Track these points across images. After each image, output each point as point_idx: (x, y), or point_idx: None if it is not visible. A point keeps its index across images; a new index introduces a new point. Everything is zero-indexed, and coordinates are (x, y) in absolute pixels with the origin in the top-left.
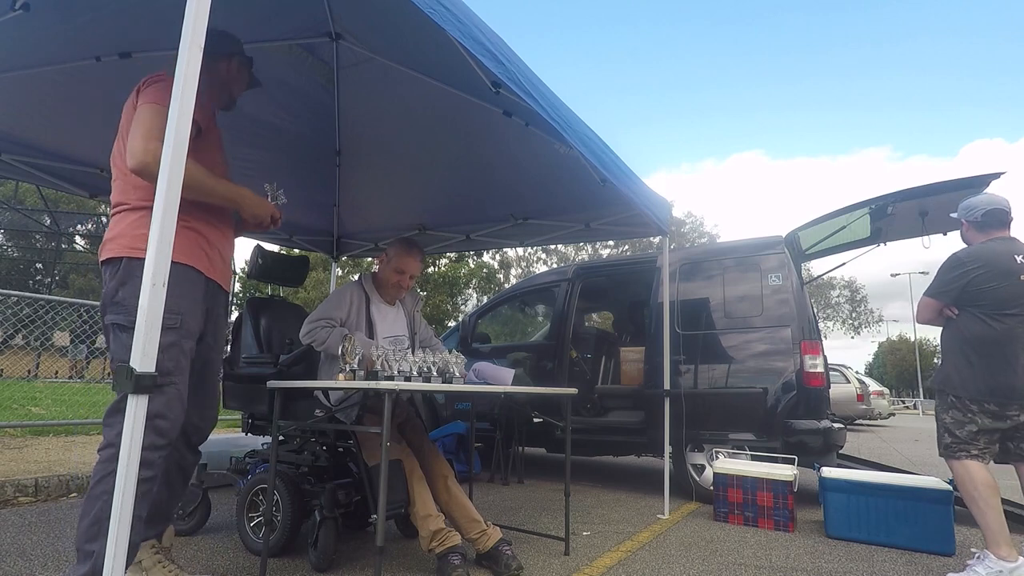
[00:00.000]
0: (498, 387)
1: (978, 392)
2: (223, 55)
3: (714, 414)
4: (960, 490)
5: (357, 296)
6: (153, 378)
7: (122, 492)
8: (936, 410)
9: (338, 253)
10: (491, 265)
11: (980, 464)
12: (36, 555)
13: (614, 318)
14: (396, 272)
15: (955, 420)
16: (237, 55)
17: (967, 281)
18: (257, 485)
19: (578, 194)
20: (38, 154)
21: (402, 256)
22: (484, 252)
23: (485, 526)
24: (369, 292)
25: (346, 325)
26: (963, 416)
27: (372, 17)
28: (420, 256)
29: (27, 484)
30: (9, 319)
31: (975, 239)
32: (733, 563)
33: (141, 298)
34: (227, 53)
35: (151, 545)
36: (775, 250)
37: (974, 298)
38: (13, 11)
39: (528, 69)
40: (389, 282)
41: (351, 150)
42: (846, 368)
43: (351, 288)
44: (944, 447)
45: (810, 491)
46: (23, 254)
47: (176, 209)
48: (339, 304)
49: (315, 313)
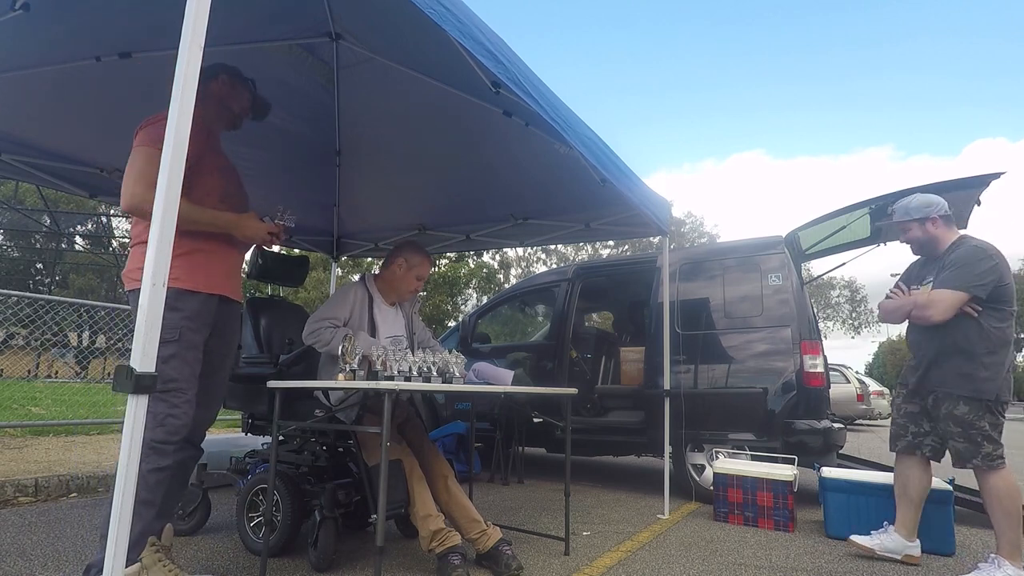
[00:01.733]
0: (498, 387)
1: (1010, 392)
2: (209, 77)
3: (714, 414)
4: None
5: (360, 296)
6: (153, 378)
7: (122, 492)
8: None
9: (338, 253)
10: (491, 265)
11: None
12: (36, 555)
13: (614, 318)
14: (417, 279)
15: (993, 425)
16: (223, 72)
17: (999, 275)
18: (257, 485)
19: (578, 194)
20: (38, 154)
21: (425, 264)
22: (484, 252)
23: (485, 526)
24: (372, 292)
25: (349, 325)
26: (997, 420)
27: (372, 17)
28: (433, 261)
29: (27, 484)
30: (9, 319)
31: (946, 236)
32: (733, 563)
33: (141, 298)
34: (213, 72)
35: (151, 543)
36: (775, 250)
37: (1000, 295)
38: (13, 11)
39: (528, 69)
40: (408, 288)
41: (351, 150)
42: (846, 368)
43: (354, 288)
44: (983, 457)
45: (810, 491)
46: (23, 254)
47: (176, 209)
48: (343, 304)
49: (318, 313)
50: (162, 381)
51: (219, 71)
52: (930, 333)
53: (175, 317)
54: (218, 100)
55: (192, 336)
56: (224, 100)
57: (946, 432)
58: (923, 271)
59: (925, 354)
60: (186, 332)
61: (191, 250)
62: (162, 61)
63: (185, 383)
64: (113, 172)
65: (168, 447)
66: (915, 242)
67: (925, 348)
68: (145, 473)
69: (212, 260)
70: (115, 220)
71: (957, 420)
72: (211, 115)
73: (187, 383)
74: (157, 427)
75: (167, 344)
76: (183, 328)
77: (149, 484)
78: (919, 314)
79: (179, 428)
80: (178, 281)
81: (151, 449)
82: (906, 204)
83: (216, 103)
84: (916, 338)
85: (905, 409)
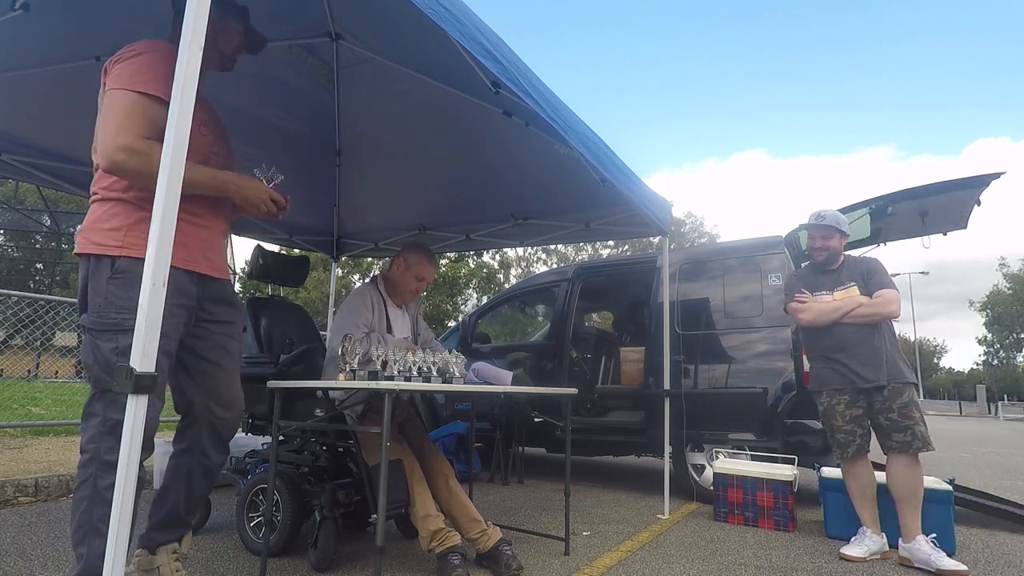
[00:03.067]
0: (498, 387)
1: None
2: None
3: (714, 414)
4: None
5: (376, 299)
6: (153, 378)
7: (122, 492)
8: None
9: (338, 253)
10: (491, 265)
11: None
12: (36, 555)
13: (614, 318)
14: (416, 279)
15: None
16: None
17: None
18: (257, 485)
19: (578, 194)
20: (38, 154)
21: (423, 264)
22: (484, 252)
23: (485, 526)
24: (384, 294)
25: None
26: None
27: (372, 17)
28: (436, 263)
29: (27, 484)
30: (9, 319)
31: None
32: (733, 563)
33: (141, 298)
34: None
35: (172, 550)
36: (775, 250)
37: None
38: (13, 11)
39: (528, 69)
40: (407, 288)
41: (351, 150)
42: None
43: (369, 291)
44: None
45: (810, 491)
46: (23, 254)
47: (176, 209)
48: (364, 308)
49: (343, 320)
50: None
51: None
52: (869, 331)
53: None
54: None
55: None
56: (210, 37)
57: (900, 422)
58: (823, 279)
59: (875, 351)
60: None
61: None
62: None
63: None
64: None
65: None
66: (831, 251)
67: (872, 345)
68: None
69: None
70: None
71: (916, 406)
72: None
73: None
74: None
75: (127, 333)
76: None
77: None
78: (883, 311)
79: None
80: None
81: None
82: (836, 215)
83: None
84: (856, 337)
85: (851, 415)
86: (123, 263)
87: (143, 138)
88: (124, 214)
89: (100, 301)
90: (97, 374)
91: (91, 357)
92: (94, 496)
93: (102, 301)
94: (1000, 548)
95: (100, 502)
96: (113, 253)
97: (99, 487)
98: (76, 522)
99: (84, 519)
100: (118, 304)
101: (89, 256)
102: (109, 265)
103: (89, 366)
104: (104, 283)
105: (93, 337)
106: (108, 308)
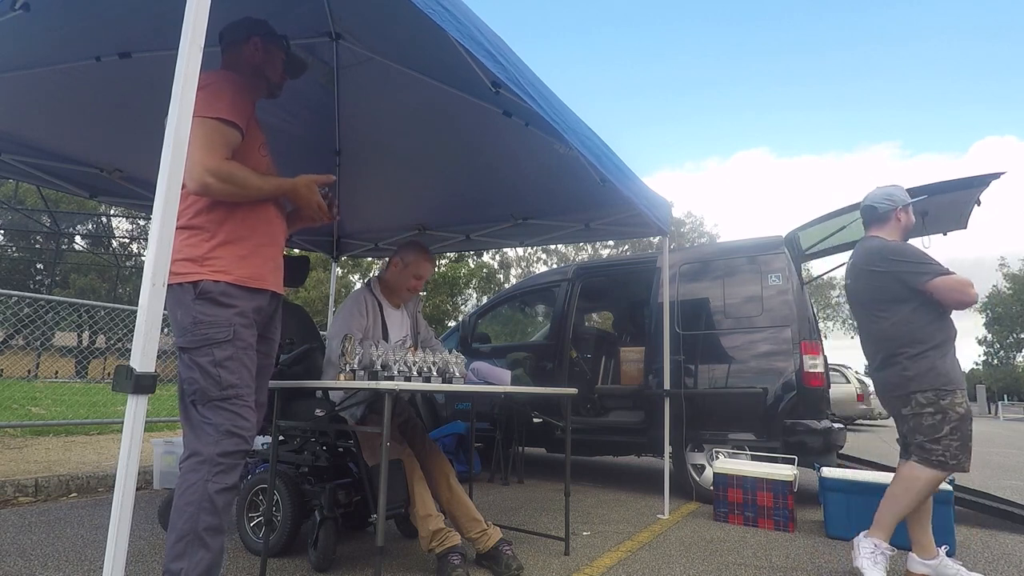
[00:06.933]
0: (498, 387)
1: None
2: (240, 39)
3: (714, 414)
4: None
5: (371, 303)
6: (153, 378)
7: (122, 492)
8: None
9: (338, 253)
10: (491, 265)
11: None
12: (36, 555)
13: (614, 318)
14: (414, 278)
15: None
16: (256, 34)
17: None
18: (257, 485)
19: (578, 194)
20: (38, 154)
21: (421, 262)
22: (484, 252)
23: (485, 526)
24: (379, 297)
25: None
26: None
27: (372, 17)
28: (434, 260)
29: (27, 484)
30: (9, 319)
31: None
32: (733, 563)
33: (141, 298)
34: (244, 36)
35: None
36: (775, 250)
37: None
38: (13, 11)
39: (528, 69)
40: (404, 287)
41: (351, 150)
42: (846, 368)
43: (364, 295)
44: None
45: (810, 491)
46: (23, 254)
47: (176, 208)
48: (360, 313)
49: (339, 326)
50: (220, 387)
51: (250, 32)
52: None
53: (227, 314)
54: (252, 68)
55: (246, 334)
56: (259, 68)
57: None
58: None
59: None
60: (240, 330)
61: (236, 238)
62: (162, 61)
63: (244, 389)
64: (113, 172)
65: (234, 461)
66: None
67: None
68: (212, 495)
69: (268, 251)
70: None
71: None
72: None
73: (246, 389)
74: (222, 439)
75: (221, 345)
76: (236, 326)
77: (217, 507)
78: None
79: (248, 439)
80: (226, 274)
81: (215, 465)
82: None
83: (251, 72)
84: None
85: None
86: (205, 285)
87: (225, 159)
88: (195, 244)
89: (189, 322)
90: (203, 386)
91: (194, 372)
92: (202, 502)
93: (191, 322)
94: (1000, 548)
95: (209, 510)
96: (193, 279)
97: (209, 492)
98: (178, 531)
99: (188, 527)
100: (207, 321)
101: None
102: (192, 289)
103: (191, 381)
104: (190, 304)
105: (190, 355)
106: (197, 327)
